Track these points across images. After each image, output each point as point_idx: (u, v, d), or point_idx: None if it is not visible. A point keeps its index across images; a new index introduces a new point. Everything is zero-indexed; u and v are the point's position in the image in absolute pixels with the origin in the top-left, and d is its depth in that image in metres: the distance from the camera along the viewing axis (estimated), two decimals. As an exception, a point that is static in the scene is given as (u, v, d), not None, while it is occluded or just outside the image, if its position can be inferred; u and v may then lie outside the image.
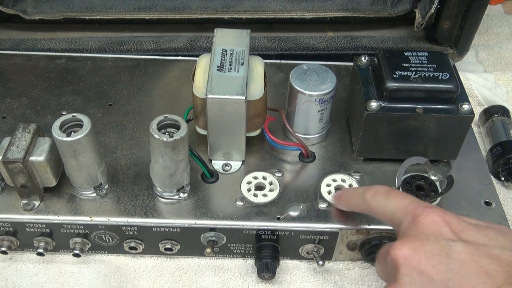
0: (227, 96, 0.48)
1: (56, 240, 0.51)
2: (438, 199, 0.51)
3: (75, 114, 0.47)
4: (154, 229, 0.50)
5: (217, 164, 0.54)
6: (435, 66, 0.52)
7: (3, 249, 0.50)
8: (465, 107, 0.51)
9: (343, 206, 0.49)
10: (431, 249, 0.36)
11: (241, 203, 0.51)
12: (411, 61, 0.52)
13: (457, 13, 0.70)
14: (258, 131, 0.54)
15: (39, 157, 0.47)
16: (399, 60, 0.52)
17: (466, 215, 0.50)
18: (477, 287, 0.34)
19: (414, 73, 0.51)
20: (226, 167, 0.54)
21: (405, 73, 0.51)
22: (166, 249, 0.52)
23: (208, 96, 0.48)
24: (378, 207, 0.43)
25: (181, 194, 0.51)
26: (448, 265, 0.35)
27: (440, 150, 0.54)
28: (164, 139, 0.44)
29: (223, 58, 0.51)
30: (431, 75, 0.51)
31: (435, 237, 0.37)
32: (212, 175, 0.53)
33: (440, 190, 0.51)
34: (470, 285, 0.34)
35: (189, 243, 0.51)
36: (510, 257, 0.35)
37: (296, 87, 0.53)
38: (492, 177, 0.57)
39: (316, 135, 0.57)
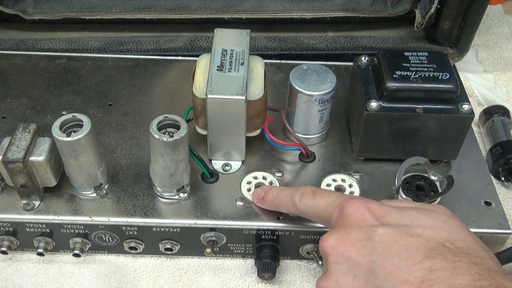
0: (227, 96, 0.48)
1: (56, 240, 0.51)
2: (438, 199, 0.51)
3: (75, 114, 0.47)
4: (154, 229, 0.50)
5: (217, 164, 0.54)
6: (435, 66, 0.52)
7: (3, 249, 0.50)
8: (465, 107, 0.51)
9: (268, 207, 0.49)
10: (355, 236, 0.38)
11: (241, 203, 0.51)
12: (411, 61, 0.52)
13: (457, 13, 0.70)
14: (258, 131, 0.54)
15: (39, 157, 0.47)
16: (399, 60, 0.52)
17: (466, 215, 0.50)
18: (399, 265, 0.35)
19: (414, 73, 0.51)
20: (226, 167, 0.54)
21: (405, 73, 0.51)
22: (166, 249, 0.52)
23: (208, 96, 0.48)
24: (308, 209, 0.44)
25: (181, 194, 0.51)
26: (372, 248, 0.37)
27: (440, 150, 0.54)
28: (164, 139, 0.44)
29: (223, 58, 0.51)
30: (431, 75, 0.51)
31: (359, 225, 0.39)
32: (212, 175, 0.53)
33: (440, 190, 0.51)
34: (393, 264, 0.35)
35: (189, 243, 0.51)
36: (430, 234, 0.37)
37: (296, 87, 0.53)
38: (492, 177, 0.57)
39: (316, 135, 0.57)
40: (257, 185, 0.53)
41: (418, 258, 0.35)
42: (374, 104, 0.51)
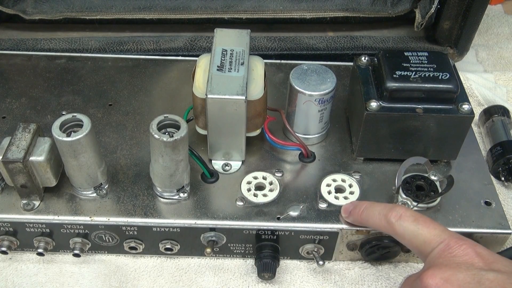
0: (227, 96, 0.48)
1: (56, 240, 0.51)
2: (438, 199, 0.51)
3: (75, 114, 0.47)
4: (154, 229, 0.50)
5: (217, 164, 0.54)
6: (435, 66, 0.52)
7: (3, 249, 0.50)
8: (465, 107, 0.51)
9: (355, 221, 0.48)
10: (463, 277, 0.37)
11: (241, 203, 0.51)
12: (411, 61, 0.52)
13: (457, 13, 0.70)
14: (258, 131, 0.54)
15: (39, 157, 0.47)
16: (399, 60, 0.52)
17: (466, 215, 0.51)
18: None
19: (414, 73, 0.51)
20: (226, 167, 0.54)
21: (405, 73, 0.51)
22: (166, 249, 0.52)
23: (208, 96, 0.48)
24: (405, 233, 0.43)
25: (181, 194, 0.51)
26: None
27: (440, 150, 0.54)
28: (164, 139, 0.44)
29: (223, 58, 0.51)
30: (431, 75, 0.51)
31: (467, 267, 0.38)
32: (212, 175, 0.53)
33: (440, 190, 0.51)
34: None
35: (189, 243, 0.51)
36: None
37: (296, 87, 0.53)
38: (492, 177, 0.57)
39: (316, 135, 0.57)
40: (257, 185, 0.53)
41: None
42: (374, 104, 0.51)
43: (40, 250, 0.51)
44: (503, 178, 0.60)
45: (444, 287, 0.37)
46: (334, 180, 0.53)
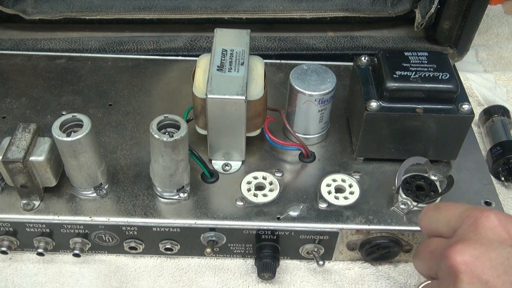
0: (227, 96, 0.48)
1: (56, 240, 0.51)
2: (438, 199, 0.51)
3: (75, 114, 0.47)
4: (154, 229, 0.50)
5: (217, 164, 0.54)
6: (435, 66, 0.52)
7: (3, 249, 0.50)
8: (465, 107, 0.51)
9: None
10: (495, 256, 0.33)
11: (241, 203, 0.51)
12: (411, 61, 0.52)
13: (457, 13, 0.70)
14: (258, 131, 0.54)
15: (39, 157, 0.47)
16: (399, 60, 0.52)
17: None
18: None
19: (414, 73, 0.51)
20: (226, 167, 0.54)
21: (405, 73, 0.51)
22: (166, 249, 0.52)
23: (208, 96, 0.48)
24: (430, 223, 0.40)
25: (181, 194, 0.51)
26: None
27: (440, 150, 0.54)
28: (164, 139, 0.44)
29: (223, 58, 0.51)
30: (431, 75, 0.51)
31: (500, 243, 0.34)
32: (212, 175, 0.53)
33: (440, 190, 0.51)
34: None
35: (189, 243, 0.51)
36: None
37: (296, 87, 0.53)
38: (492, 177, 0.57)
39: (316, 135, 0.57)
40: (257, 185, 0.53)
41: None
42: (374, 104, 0.51)
43: (40, 250, 0.51)
44: (503, 178, 0.60)
45: (474, 266, 0.33)
46: (334, 180, 0.53)
